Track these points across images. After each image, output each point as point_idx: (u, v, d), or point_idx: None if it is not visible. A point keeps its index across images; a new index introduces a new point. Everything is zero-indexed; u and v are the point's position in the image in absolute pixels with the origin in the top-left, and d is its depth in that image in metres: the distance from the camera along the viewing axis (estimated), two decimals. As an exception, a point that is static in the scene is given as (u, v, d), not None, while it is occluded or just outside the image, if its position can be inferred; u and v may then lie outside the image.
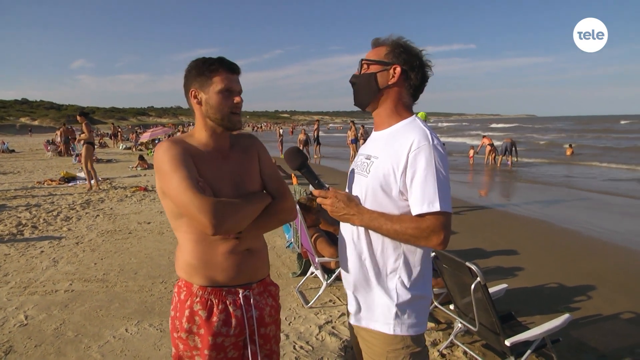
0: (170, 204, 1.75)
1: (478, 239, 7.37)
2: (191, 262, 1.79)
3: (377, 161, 1.81)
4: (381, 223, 1.73)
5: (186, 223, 1.76)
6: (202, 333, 1.76)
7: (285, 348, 3.64)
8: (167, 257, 6.03)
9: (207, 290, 1.78)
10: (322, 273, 4.49)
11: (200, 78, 1.78)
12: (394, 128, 1.85)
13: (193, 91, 1.80)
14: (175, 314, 1.81)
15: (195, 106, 1.82)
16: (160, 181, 1.73)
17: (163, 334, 3.88)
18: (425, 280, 1.83)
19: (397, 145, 1.75)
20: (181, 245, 1.84)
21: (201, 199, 1.61)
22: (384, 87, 1.84)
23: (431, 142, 1.69)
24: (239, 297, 1.82)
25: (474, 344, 3.81)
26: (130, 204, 10.07)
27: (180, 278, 1.85)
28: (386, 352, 1.79)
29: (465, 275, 3.18)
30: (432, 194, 1.64)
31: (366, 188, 1.81)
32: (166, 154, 1.70)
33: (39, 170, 17.07)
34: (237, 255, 1.81)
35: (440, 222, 1.65)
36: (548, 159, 22.06)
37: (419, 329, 1.80)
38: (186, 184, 1.63)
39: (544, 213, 9.47)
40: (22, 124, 79.98)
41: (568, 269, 5.89)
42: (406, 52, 1.82)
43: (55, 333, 3.93)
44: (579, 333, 4.08)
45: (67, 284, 5.07)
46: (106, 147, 33.10)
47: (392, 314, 1.76)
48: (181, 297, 1.80)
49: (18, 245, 6.65)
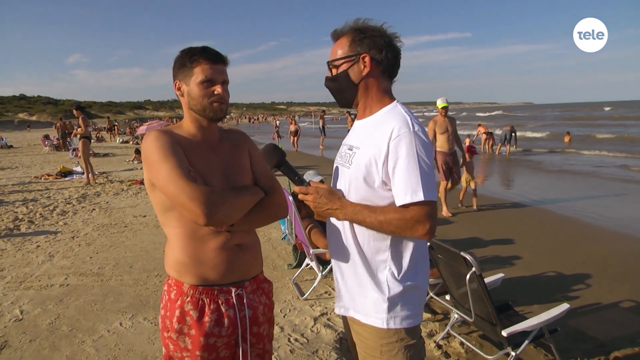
0: (158, 196, 1.70)
1: (475, 228, 7.34)
2: (181, 259, 1.73)
3: (358, 152, 1.76)
4: (365, 216, 1.68)
5: (175, 217, 1.71)
6: (193, 334, 1.71)
7: (280, 341, 3.61)
8: (162, 250, 5.94)
9: (198, 289, 1.73)
10: (317, 264, 4.46)
11: (183, 69, 1.74)
12: (374, 117, 1.79)
13: (177, 82, 1.78)
14: (165, 313, 1.76)
15: (180, 98, 1.79)
16: (149, 171, 1.67)
17: (157, 328, 3.84)
18: (418, 270, 1.78)
19: (377, 134, 1.70)
20: (170, 241, 1.79)
21: (193, 187, 1.56)
22: (359, 80, 1.78)
23: (412, 129, 1.64)
24: (231, 296, 1.77)
25: (470, 334, 3.79)
26: (126, 197, 10.04)
27: (170, 276, 1.80)
28: (380, 345, 1.75)
29: (460, 265, 3.15)
30: (415, 183, 1.59)
31: (349, 180, 1.77)
32: (154, 143, 1.65)
33: (36, 165, 17.01)
34: (228, 252, 1.76)
35: (425, 212, 1.60)
36: (545, 148, 22.00)
37: (413, 321, 1.75)
38: (176, 173, 1.58)
39: (542, 201, 9.43)
40: (20, 119, 79.83)
41: (566, 257, 5.87)
42: (368, 36, 1.75)
43: (49, 328, 3.90)
44: (577, 322, 4.06)
45: (62, 278, 5.04)
46: (103, 141, 33.04)
47: (384, 307, 1.72)
48: (171, 296, 1.75)
49: (14, 240, 6.62)
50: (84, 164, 11.91)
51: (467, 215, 8.15)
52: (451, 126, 8.07)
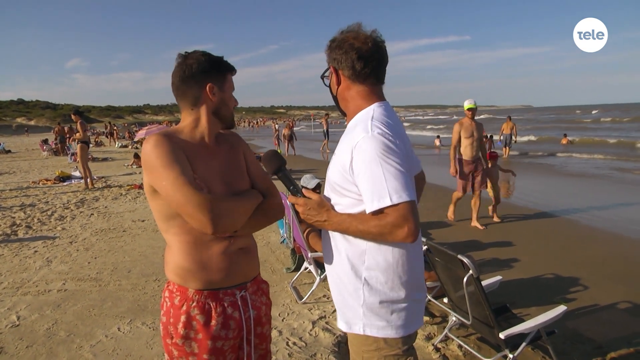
0: (160, 203, 1.69)
1: (473, 231, 7.35)
2: (185, 265, 1.71)
3: (334, 158, 1.77)
4: (348, 225, 1.67)
5: (178, 224, 1.70)
6: (200, 338, 1.71)
7: (279, 344, 3.61)
8: (160, 254, 5.99)
9: (203, 294, 1.72)
10: (315, 268, 4.46)
11: (219, 75, 1.77)
12: (350, 122, 1.80)
13: (210, 86, 1.74)
14: (168, 320, 1.74)
15: (207, 100, 1.76)
16: (151, 178, 1.64)
17: (155, 333, 3.84)
18: (399, 279, 1.71)
19: (346, 141, 1.70)
20: (172, 248, 1.76)
21: (199, 196, 1.57)
22: (337, 92, 1.83)
23: (370, 133, 1.60)
24: (236, 299, 1.78)
25: (469, 337, 3.79)
26: (124, 202, 10.04)
27: (172, 282, 1.77)
28: (361, 352, 1.77)
29: (457, 268, 3.15)
30: (380, 188, 1.54)
31: (328, 185, 1.80)
32: (157, 149, 1.62)
33: (35, 170, 17.00)
34: (231, 255, 1.77)
35: (400, 215, 1.53)
36: (543, 150, 22.01)
37: (394, 332, 1.71)
38: (182, 181, 1.57)
39: (540, 203, 9.43)
40: (19, 124, 79.74)
41: (564, 259, 5.87)
42: (335, 47, 1.76)
43: (47, 333, 3.89)
44: (575, 324, 4.06)
45: (60, 283, 5.04)
46: (102, 145, 33.03)
47: (360, 314, 1.72)
48: (175, 303, 1.73)
49: (12, 246, 6.62)
50: (82, 168, 11.89)
51: (466, 218, 8.13)
52: (477, 131, 7.38)
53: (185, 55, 1.76)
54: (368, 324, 1.70)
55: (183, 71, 1.73)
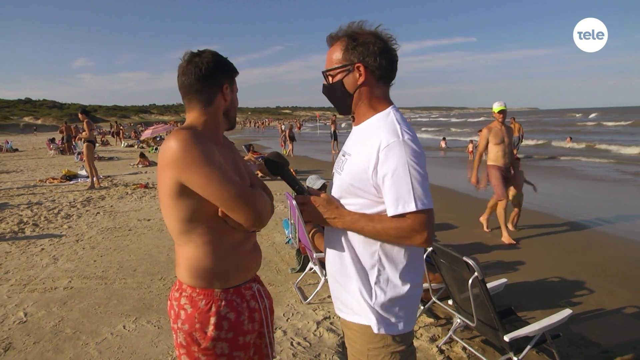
0: (184, 204, 1.63)
1: (478, 233, 7.33)
2: (210, 266, 1.68)
3: (350, 158, 1.77)
4: (362, 225, 1.68)
5: (204, 224, 1.66)
6: (231, 337, 1.71)
7: (283, 344, 3.62)
8: (166, 253, 6.03)
9: (229, 292, 1.73)
10: (320, 268, 4.47)
11: (230, 76, 1.80)
12: (367, 123, 1.79)
13: (227, 87, 1.76)
14: (193, 326, 1.68)
15: (221, 101, 1.76)
16: (184, 177, 1.58)
17: (160, 331, 3.86)
18: (407, 278, 1.74)
19: (368, 142, 1.69)
20: (194, 251, 1.69)
21: (247, 191, 1.62)
22: (354, 90, 1.77)
23: (401, 138, 1.62)
24: (254, 291, 1.83)
25: (473, 339, 3.79)
26: (130, 201, 10.08)
27: (191, 286, 1.71)
28: (367, 349, 1.77)
29: (463, 270, 3.15)
30: (406, 194, 1.58)
31: (341, 186, 1.78)
32: (195, 147, 1.57)
33: (42, 169, 17.09)
34: (250, 251, 1.83)
35: (420, 221, 1.59)
36: (548, 153, 21.95)
37: (401, 328, 1.74)
38: (227, 178, 1.58)
39: (546, 205, 9.39)
40: (26, 123, 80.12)
41: (569, 262, 5.86)
42: (361, 44, 1.72)
43: (53, 330, 3.92)
44: (580, 327, 4.06)
45: (66, 281, 5.07)
46: (108, 144, 33.17)
47: (370, 312, 1.72)
48: (200, 306, 1.68)
49: (19, 243, 6.66)
50: (88, 167, 11.93)
51: (471, 220, 8.10)
52: (508, 136, 6.82)
53: (199, 53, 1.74)
54: (378, 322, 1.71)
55: (200, 69, 1.70)
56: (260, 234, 1.99)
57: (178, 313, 1.71)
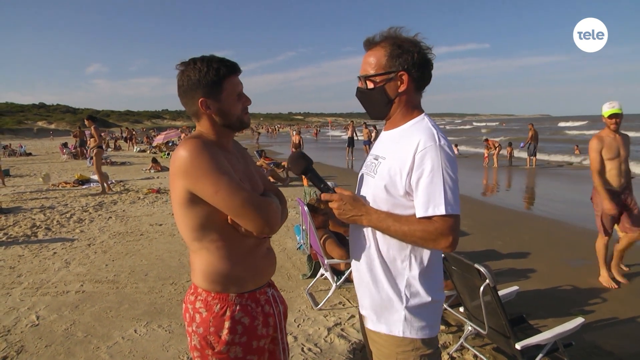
0: (196, 212, 1.65)
1: (491, 240, 7.28)
2: (226, 271, 1.71)
3: (384, 162, 1.78)
4: (389, 224, 1.70)
5: (217, 231, 1.68)
6: (245, 341, 1.72)
7: (294, 350, 3.62)
8: (177, 258, 6.05)
9: (244, 296, 1.74)
10: (331, 275, 4.46)
11: (210, 86, 1.68)
12: (401, 128, 1.81)
13: (203, 100, 1.69)
14: (207, 330, 1.69)
15: (203, 114, 1.73)
16: (194, 185, 1.59)
17: (172, 335, 3.88)
18: (435, 282, 1.80)
19: (403, 146, 1.71)
20: (208, 256, 1.71)
21: (256, 198, 1.62)
22: (395, 96, 1.79)
23: (437, 143, 1.65)
24: (268, 296, 1.84)
25: (484, 347, 3.76)
26: (142, 206, 10.14)
27: (206, 291, 1.73)
28: (395, 353, 1.77)
29: (474, 277, 3.14)
30: (438, 197, 1.61)
31: (374, 189, 1.79)
32: (203, 156, 1.59)
33: (54, 173, 17.24)
34: (264, 256, 1.84)
35: (448, 225, 1.63)
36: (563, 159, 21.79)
37: (430, 331, 1.77)
38: (235, 185, 1.59)
39: (559, 213, 9.33)
40: (40, 127, 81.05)
41: (582, 270, 5.78)
42: (405, 52, 1.73)
43: (65, 333, 3.95)
44: (593, 337, 4.00)
45: (78, 285, 5.11)
46: (121, 149, 33.43)
47: (402, 316, 1.74)
48: (215, 310, 1.69)
49: (32, 247, 6.72)
50: (97, 174, 11.95)
51: (483, 227, 8.06)
52: (625, 148, 5.03)
53: (181, 68, 1.71)
54: (409, 325, 1.74)
55: (178, 87, 1.72)
56: (271, 239, 1.99)
57: (193, 316, 1.73)
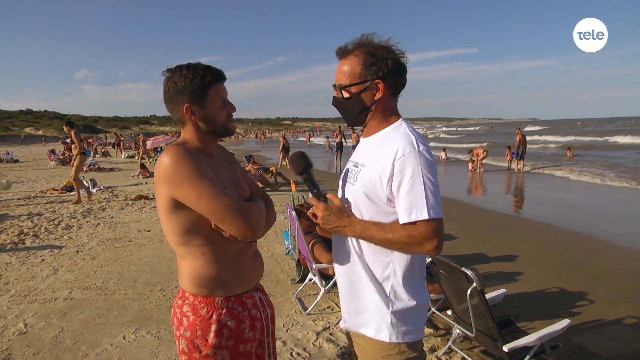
0: (180, 217, 1.67)
1: (479, 244, 7.33)
2: (211, 275, 1.72)
3: (363, 169, 1.80)
4: (373, 233, 1.71)
5: (202, 235, 1.70)
6: (232, 344, 1.73)
7: (283, 355, 3.63)
8: (166, 264, 6.03)
9: (230, 300, 1.75)
10: (319, 279, 4.48)
11: (195, 93, 1.70)
12: (380, 134, 1.82)
13: (188, 106, 1.71)
14: (194, 334, 1.71)
15: (188, 120, 1.75)
16: (177, 192, 1.61)
17: (160, 342, 3.87)
18: (419, 286, 1.81)
19: (382, 152, 1.73)
20: (194, 260, 1.73)
21: (238, 203, 1.62)
22: (371, 104, 1.80)
23: (416, 149, 1.67)
24: (255, 300, 1.85)
25: (472, 349, 3.79)
26: (130, 212, 10.09)
27: (193, 295, 1.74)
28: (381, 357, 1.79)
29: (461, 280, 3.16)
30: (420, 202, 1.63)
31: (354, 196, 1.81)
32: (185, 162, 1.60)
33: (42, 180, 17.10)
34: (251, 260, 1.85)
35: (432, 229, 1.64)
36: (550, 162, 21.96)
37: (415, 335, 1.78)
38: (218, 191, 1.60)
39: (546, 216, 9.41)
40: (27, 134, 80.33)
41: (570, 272, 5.86)
42: (379, 59, 1.74)
43: (53, 341, 3.92)
44: (580, 338, 4.05)
45: (66, 292, 5.07)
46: (109, 155, 33.22)
47: (387, 321, 1.75)
48: (202, 314, 1.71)
49: (19, 254, 6.66)
50: (74, 182, 11.46)
51: (470, 231, 8.12)
52: None
53: (167, 75, 1.74)
54: (394, 330, 1.75)
55: (164, 93, 1.74)
56: (260, 245, 2.01)
57: (181, 320, 1.74)
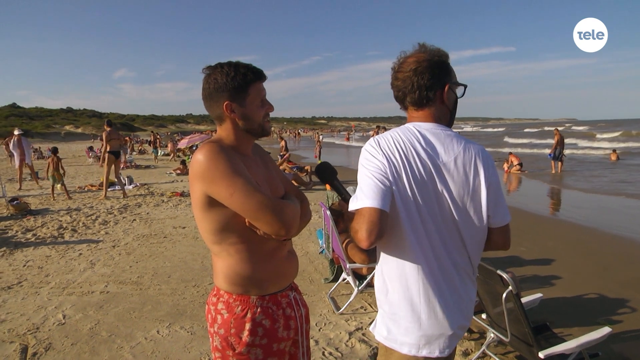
0: (215, 215, 1.67)
1: (514, 247, 7.16)
2: (246, 274, 1.72)
3: None
4: None
5: (236, 234, 1.70)
6: (265, 343, 1.73)
7: (315, 354, 3.62)
8: (200, 261, 6.11)
9: (265, 299, 1.75)
10: (353, 279, 4.45)
11: (236, 90, 1.70)
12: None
13: (228, 104, 1.71)
14: (228, 331, 1.72)
15: (227, 117, 1.75)
16: (211, 189, 1.62)
17: (193, 337, 3.92)
18: (392, 292, 1.75)
19: None
20: (229, 258, 1.73)
21: (272, 201, 1.61)
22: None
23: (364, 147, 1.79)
24: (290, 299, 1.85)
25: (507, 355, 3.71)
26: (166, 209, 10.28)
27: (228, 292, 1.75)
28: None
29: (497, 283, 3.10)
30: (358, 192, 1.66)
31: None
32: (219, 159, 1.61)
33: (81, 176, 17.60)
34: (286, 259, 1.84)
35: (359, 218, 1.59)
36: (593, 165, 21.33)
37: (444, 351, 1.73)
38: (252, 188, 1.59)
39: (585, 219, 9.14)
40: (67, 131, 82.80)
41: (609, 278, 5.67)
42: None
43: (90, 333, 4.02)
44: (621, 347, 3.91)
45: (102, 285, 5.19)
46: (145, 153, 33.87)
47: (385, 328, 1.78)
48: (236, 312, 1.72)
49: (59, 248, 6.87)
50: (104, 178, 11.79)
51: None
52: None
53: (208, 72, 1.74)
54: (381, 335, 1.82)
55: (203, 89, 1.75)
56: (294, 243, 2.00)
57: (215, 318, 1.75)
